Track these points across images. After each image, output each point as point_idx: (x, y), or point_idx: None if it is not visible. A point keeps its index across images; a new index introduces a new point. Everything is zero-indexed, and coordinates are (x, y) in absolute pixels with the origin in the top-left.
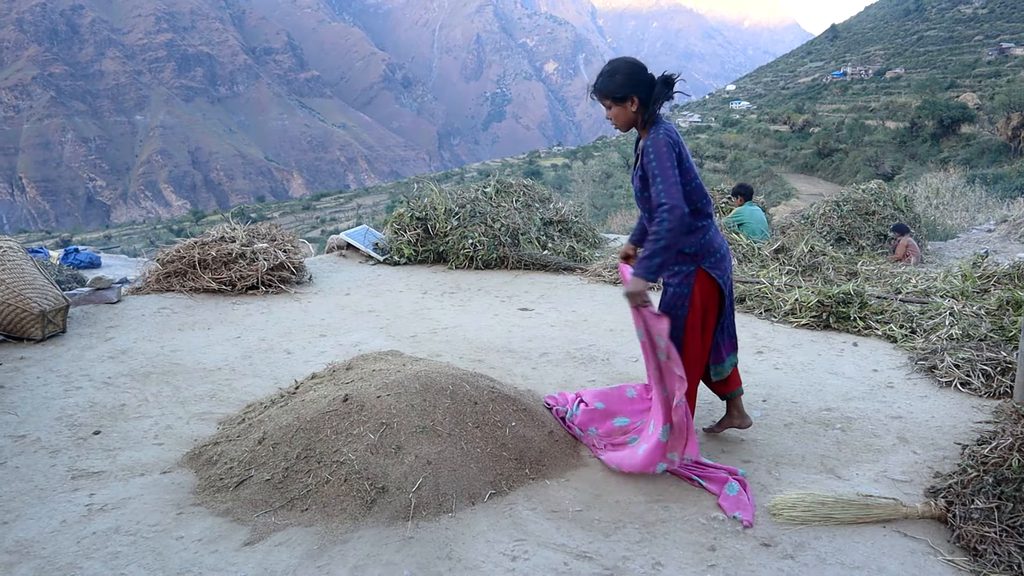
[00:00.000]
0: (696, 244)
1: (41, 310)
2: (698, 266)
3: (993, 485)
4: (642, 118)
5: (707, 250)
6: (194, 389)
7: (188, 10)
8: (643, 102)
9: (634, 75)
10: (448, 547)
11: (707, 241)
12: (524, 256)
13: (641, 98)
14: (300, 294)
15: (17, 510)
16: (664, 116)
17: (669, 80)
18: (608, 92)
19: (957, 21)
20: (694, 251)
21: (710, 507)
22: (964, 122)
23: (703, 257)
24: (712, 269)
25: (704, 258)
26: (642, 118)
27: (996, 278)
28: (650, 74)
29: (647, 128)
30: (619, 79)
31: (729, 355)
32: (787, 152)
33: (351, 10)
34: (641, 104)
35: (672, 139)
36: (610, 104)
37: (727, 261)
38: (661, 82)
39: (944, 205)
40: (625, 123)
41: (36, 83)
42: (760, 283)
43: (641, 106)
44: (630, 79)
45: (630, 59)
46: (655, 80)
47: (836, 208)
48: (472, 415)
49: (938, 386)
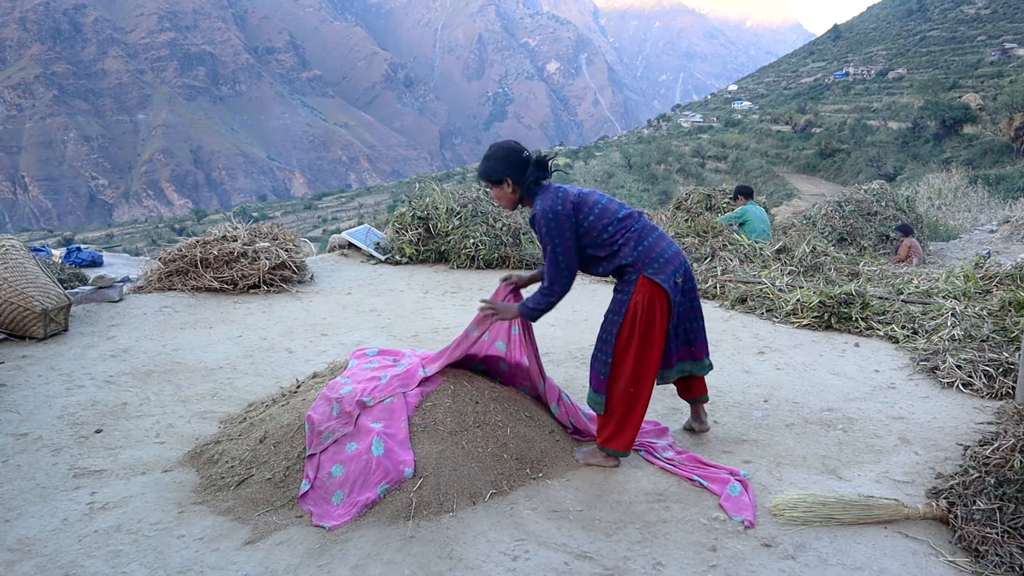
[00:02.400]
0: (631, 254)
1: (43, 308)
2: (640, 274)
3: (995, 486)
4: (519, 196)
5: (647, 257)
6: (196, 388)
7: (191, 9)
8: (516, 182)
9: (507, 158)
10: (449, 546)
11: (645, 248)
12: (526, 256)
13: (514, 179)
14: (302, 293)
15: (19, 508)
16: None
17: (542, 161)
18: (485, 176)
19: (960, 21)
20: (631, 261)
21: (711, 507)
22: (966, 123)
23: (643, 264)
24: (655, 275)
25: (645, 265)
26: (519, 196)
27: (998, 279)
28: (526, 156)
29: (532, 201)
30: (493, 163)
31: (682, 361)
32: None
33: (353, 9)
34: (515, 184)
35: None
36: (491, 187)
37: (674, 265)
38: (534, 164)
39: (946, 206)
40: (509, 203)
41: (39, 82)
42: (762, 283)
43: (515, 185)
44: (502, 162)
45: (508, 143)
46: (530, 161)
47: (838, 208)
48: (473, 414)
49: (940, 387)
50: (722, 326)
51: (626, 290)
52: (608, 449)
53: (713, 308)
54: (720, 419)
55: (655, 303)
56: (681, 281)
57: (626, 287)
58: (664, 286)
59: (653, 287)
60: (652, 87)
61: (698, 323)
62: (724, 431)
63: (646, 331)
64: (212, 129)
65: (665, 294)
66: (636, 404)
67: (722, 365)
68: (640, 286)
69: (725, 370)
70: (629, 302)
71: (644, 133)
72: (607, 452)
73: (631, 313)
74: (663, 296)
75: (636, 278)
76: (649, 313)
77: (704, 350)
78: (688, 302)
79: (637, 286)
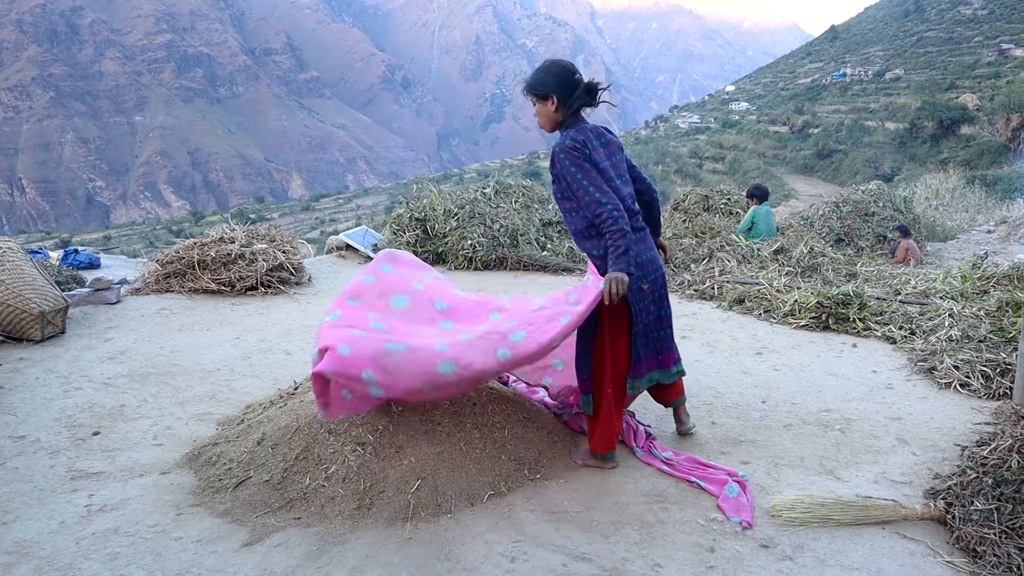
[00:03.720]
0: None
1: (41, 311)
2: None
3: (992, 486)
4: (560, 118)
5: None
6: (193, 390)
7: (188, 11)
8: (562, 102)
9: (560, 75)
10: (447, 548)
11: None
12: (523, 257)
13: (560, 98)
14: (299, 295)
15: (16, 511)
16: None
17: (592, 88)
18: (532, 87)
19: (957, 22)
20: (603, 253)
21: (709, 508)
22: (964, 123)
23: None
24: None
25: None
26: (560, 118)
27: (995, 279)
28: (577, 78)
29: (563, 132)
30: (543, 76)
31: (651, 371)
32: (786, 153)
33: (351, 11)
34: (560, 103)
35: (578, 143)
36: (534, 101)
37: (645, 270)
38: (584, 88)
39: (944, 206)
40: (548, 121)
41: (36, 84)
42: (759, 284)
43: (560, 105)
44: (555, 78)
45: (563, 62)
46: (579, 85)
47: (835, 209)
48: (471, 416)
49: (937, 387)
50: (720, 327)
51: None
52: (595, 454)
53: (711, 309)
54: (718, 420)
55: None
56: (648, 287)
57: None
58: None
59: None
60: (649, 88)
61: (666, 331)
62: (722, 432)
63: (615, 328)
64: (209, 131)
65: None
66: (615, 405)
67: (720, 366)
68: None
69: (723, 371)
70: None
71: (642, 134)
72: (595, 455)
73: (601, 307)
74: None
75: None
76: (618, 311)
77: (672, 357)
78: (656, 311)
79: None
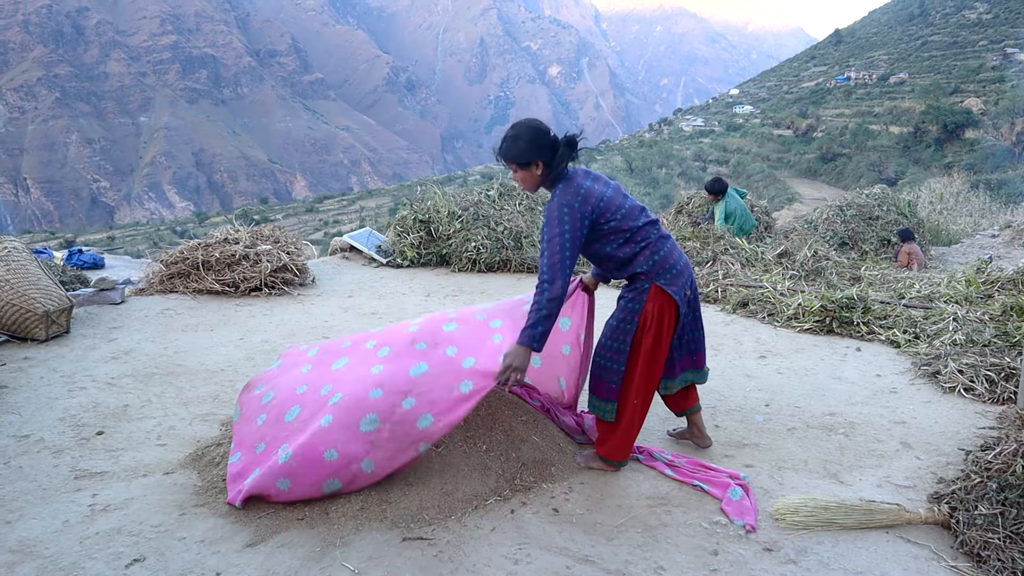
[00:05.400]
0: (646, 263)
1: (45, 310)
2: (652, 283)
3: (997, 491)
4: (548, 179)
5: (661, 267)
6: (197, 390)
7: (193, 12)
8: (547, 165)
9: (536, 140)
10: (450, 550)
11: (661, 258)
12: (527, 259)
13: (545, 161)
14: (303, 296)
15: (20, 510)
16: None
17: (572, 141)
18: (512, 158)
19: (961, 26)
20: (646, 269)
21: (713, 511)
22: (968, 127)
23: (657, 274)
24: (668, 286)
25: (658, 275)
26: (548, 179)
27: (1000, 283)
28: (553, 136)
29: (554, 188)
30: (522, 145)
31: (684, 371)
32: (790, 156)
33: (355, 13)
34: (546, 167)
35: (567, 201)
36: (516, 168)
37: (684, 277)
38: (564, 144)
39: (948, 210)
40: (532, 186)
41: (41, 84)
42: (763, 287)
43: (546, 168)
44: (533, 144)
45: (533, 123)
46: (558, 142)
47: (839, 213)
48: (475, 419)
49: (941, 391)
50: (724, 330)
51: (638, 299)
52: (609, 460)
53: (715, 312)
54: (721, 423)
55: (664, 313)
56: (689, 293)
57: (638, 295)
58: (676, 298)
59: (664, 297)
60: (653, 91)
61: (700, 332)
62: (725, 435)
63: (655, 341)
64: (214, 132)
65: (675, 305)
66: (638, 414)
67: (723, 369)
68: (653, 295)
69: (726, 374)
70: (642, 311)
71: (646, 137)
72: (607, 462)
73: (643, 322)
74: (672, 307)
75: (648, 287)
76: (659, 323)
77: (704, 359)
78: (692, 312)
79: (650, 295)
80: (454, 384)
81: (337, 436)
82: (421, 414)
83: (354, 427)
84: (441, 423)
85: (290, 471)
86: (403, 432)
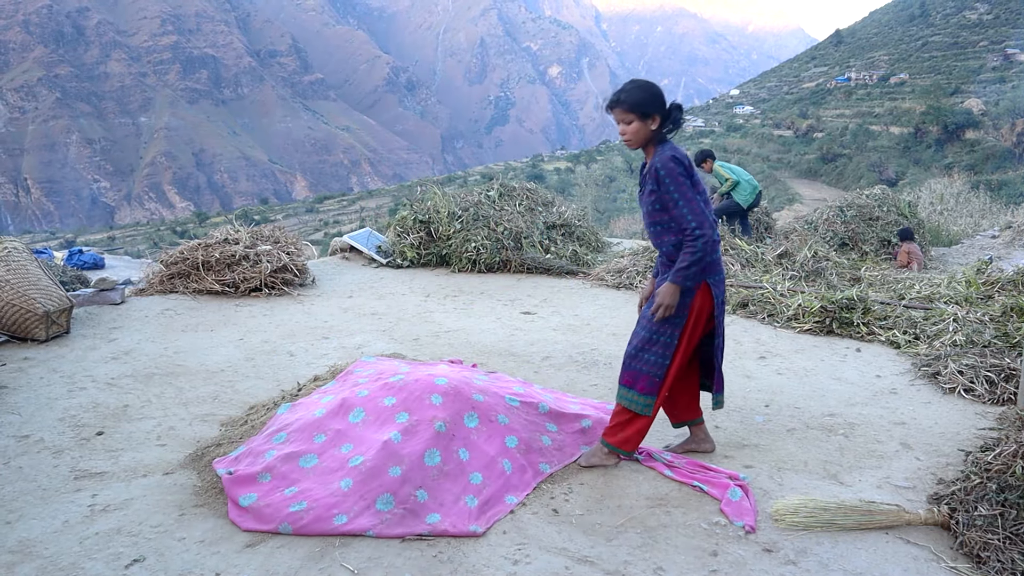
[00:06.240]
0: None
1: (45, 311)
2: (704, 279)
3: (997, 492)
4: (654, 138)
5: (715, 267)
6: (197, 391)
7: (193, 12)
8: (663, 121)
9: (658, 96)
10: (449, 551)
11: (716, 259)
12: (527, 260)
13: (663, 116)
14: (303, 296)
15: (20, 510)
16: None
17: (680, 106)
18: (637, 105)
19: (962, 27)
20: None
21: (712, 512)
22: (968, 128)
23: (711, 272)
24: (715, 286)
25: (711, 274)
26: (654, 138)
27: (1000, 284)
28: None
29: (655, 148)
30: (646, 96)
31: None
32: (791, 157)
33: (355, 13)
34: (661, 122)
35: (679, 158)
36: (633, 119)
37: (724, 285)
38: (674, 106)
39: (948, 211)
40: (643, 140)
41: (42, 84)
42: (763, 288)
43: (660, 124)
44: (656, 97)
45: (653, 83)
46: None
47: (840, 213)
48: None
49: (941, 392)
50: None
51: (689, 291)
52: (618, 449)
53: None
54: (721, 424)
55: (704, 312)
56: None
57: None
58: (716, 300)
59: (709, 297)
60: None
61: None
62: (725, 436)
63: (691, 337)
64: (214, 132)
65: (711, 306)
66: (660, 407)
67: (724, 370)
68: (702, 290)
69: (726, 375)
70: (692, 304)
71: None
72: (616, 451)
73: (693, 316)
74: (708, 308)
75: (700, 281)
76: (698, 320)
77: None
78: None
79: (701, 289)
80: (461, 496)
81: (353, 504)
82: (431, 512)
83: (371, 501)
84: (446, 523)
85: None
86: (411, 519)
